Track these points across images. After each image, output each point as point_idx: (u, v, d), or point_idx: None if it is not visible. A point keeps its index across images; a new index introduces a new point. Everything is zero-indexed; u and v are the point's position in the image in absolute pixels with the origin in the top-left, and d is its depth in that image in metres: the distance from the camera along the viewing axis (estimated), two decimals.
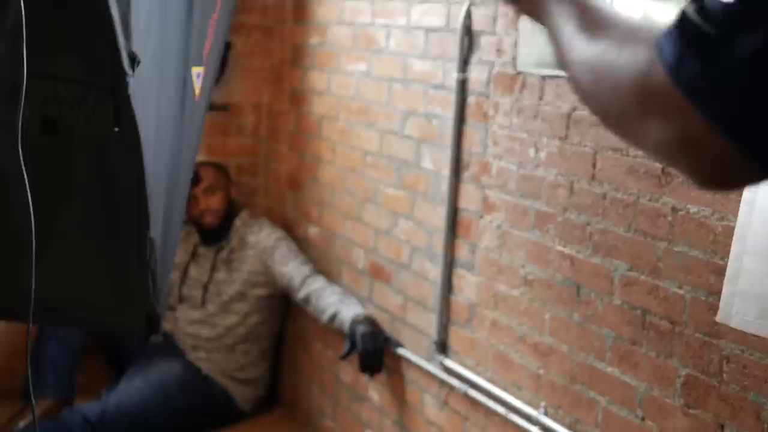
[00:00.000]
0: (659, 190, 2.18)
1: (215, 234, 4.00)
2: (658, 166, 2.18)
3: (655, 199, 2.19)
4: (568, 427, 2.49)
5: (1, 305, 2.70)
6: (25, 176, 2.30)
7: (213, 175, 3.99)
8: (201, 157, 4.03)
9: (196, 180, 3.82)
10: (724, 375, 2.02)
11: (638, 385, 2.25)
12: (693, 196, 2.09)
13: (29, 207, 2.32)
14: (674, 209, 2.14)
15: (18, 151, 2.30)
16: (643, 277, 2.23)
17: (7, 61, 2.34)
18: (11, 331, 4.02)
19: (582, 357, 2.43)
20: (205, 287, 3.99)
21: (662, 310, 2.18)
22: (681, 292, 2.13)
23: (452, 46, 2.92)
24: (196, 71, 2.93)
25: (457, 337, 2.97)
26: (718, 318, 2.00)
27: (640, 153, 2.23)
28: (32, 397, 2.19)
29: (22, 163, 2.30)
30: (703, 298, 2.07)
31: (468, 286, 2.89)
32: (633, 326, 2.26)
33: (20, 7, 2.23)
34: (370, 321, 3.35)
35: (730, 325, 1.98)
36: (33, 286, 2.36)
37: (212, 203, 3.95)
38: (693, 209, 2.09)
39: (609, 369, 2.34)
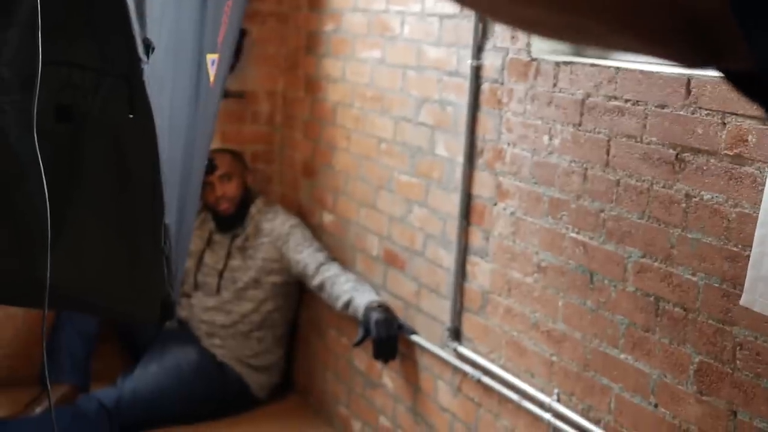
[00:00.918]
0: (673, 177, 2.17)
1: (231, 221, 4.01)
2: (672, 152, 2.18)
3: (668, 185, 2.19)
4: (581, 414, 2.49)
5: (17, 292, 2.71)
6: (41, 163, 2.31)
7: (229, 162, 4.00)
8: (216, 145, 4.04)
9: (211, 167, 3.83)
10: (738, 362, 2.02)
11: (651, 372, 2.25)
12: (707, 183, 2.09)
13: (44, 194, 2.33)
14: (688, 196, 2.13)
15: (33, 138, 2.32)
16: (656, 264, 2.23)
17: (23, 48, 2.35)
18: (28, 319, 4.05)
19: (595, 344, 2.43)
20: (220, 274, 4.01)
21: (675, 297, 2.18)
22: (694, 279, 2.13)
23: (466, 32, 2.92)
24: (211, 58, 2.94)
25: (470, 324, 2.97)
26: (742, 302, 1.99)
27: (655, 140, 2.22)
28: (48, 384, 2.20)
29: (38, 150, 2.32)
30: (716, 285, 2.07)
31: (481, 273, 2.89)
32: (646, 313, 2.26)
33: None
34: (384, 308, 3.36)
35: (754, 309, 1.97)
36: (48, 273, 2.37)
37: (228, 190, 3.97)
38: (707, 196, 2.09)
39: (622, 356, 2.34)
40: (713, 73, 0.70)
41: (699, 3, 0.65)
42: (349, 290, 3.54)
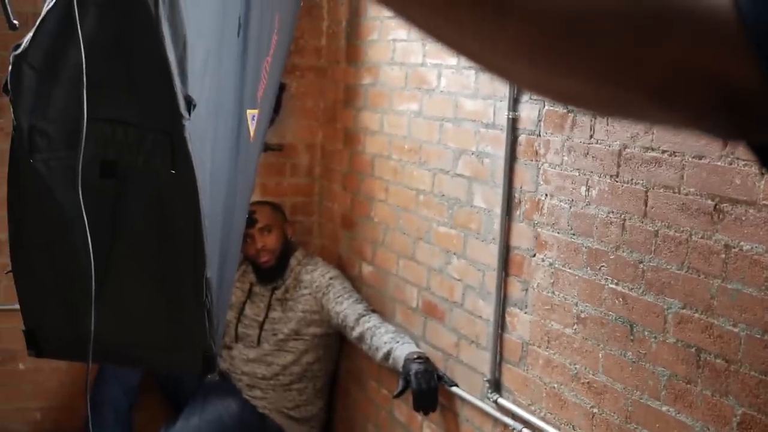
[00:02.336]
0: (712, 228, 2.17)
1: (271, 273, 4.04)
2: (710, 203, 2.17)
3: (707, 236, 2.18)
4: None
5: (62, 345, 2.75)
6: (85, 218, 2.35)
7: (269, 215, 4.04)
8: (256, 197, 4.08)
9: (252, 220, 3.86)
10: None
11: (694, 424, 2.23)
12: (746, 234, 2.08)
13: (89, 248, 2.37)
14: (727, 246, 2.13)
15: (78, 193, 2.36)
16: (697, 315, 2.22)
17: (68, 105, 2.41)
18: (72, 371, 4.09)
19: (636, 396, 2.41)
20: (261, 326, 4.03)
21: (717, 348, 2.16)
22: (736, 330, 2.11)
23: (502, 84, 2.94)
24: (251, 113, 2.98)
25: (510, 375, 2.96)
26: None
27: (692, 190, 2.22)
28: None
29: (82, 205, 2.36)
30: (758, 336, 2.06)
31: (521, 324, 2.89)
32: (687, 365, 2.25)
33: (80, 53, 2.30)
34: (424, 359, 3.35)
35: None
36: (92, 327, 2.41)
37: (268, 242, 3.99)
38: (746, 246, 2.08)
39: (664, 408, 2.32)
40: None
41: (737, 81, 0.66)
42: (389, 341, 3.54)
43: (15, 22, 2.29)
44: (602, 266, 2.53)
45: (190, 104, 2.43)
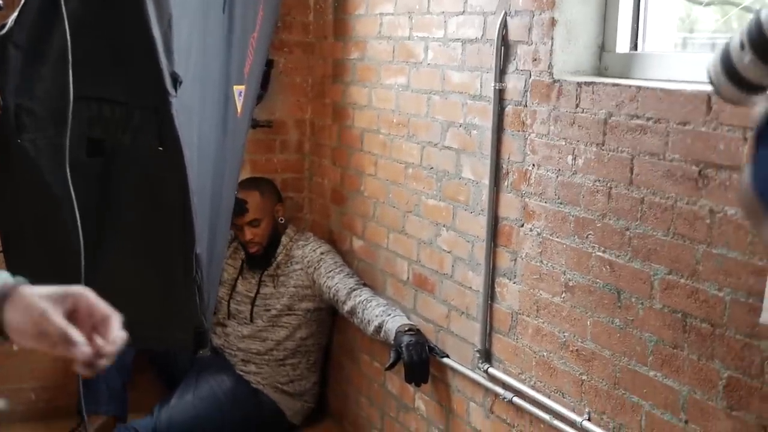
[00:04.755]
0: (696, 193, 2.19)
1: (261, 259, 4.05)
2: (695, 169, 2.19)
3: (692, 202, 2.20)
4: None
5: None
6: (73, 196, 2.36)
7: (258, 206, 3.97)
8: (246, 174, 4.08)
9: (242, 209, 3.84)
10: (766, 376, 2.02)
11: (681, 388, 2.25)
12: (730, 199, 2.10)
13: (77, 226, 2.38)
14: (712, 212, 2.15)
15: (66, 171, 2.37)
16: (682, 281, 2.24)
17: (54, 84, 2.41)
18: None
19: (624, 362, 2.43)
20: (253, 302, 4.04)
21: (703, 312, 2.18)
22: (721, 294, 2.13)
23: (489, 56, 2.95)
24: (238, 89, 2.99)
25: (500, 345, 2.99)
26: (762, 320, 1.99)
27: (677, 157, 2.24)
28: (85, 415, 2.24)
29: (70, 183, 2.37)
30: (743, 300, 2.08)
31: (510, 294, 2.91)
32: (674, 330, 2.27)
33: (65, 31, 2.30)
34: (415, 331, 3.37)
35: None
36: None
37: (257, 234, 3.99)
38: (730, 211, 2.10)
39: (651, 373, 2.35)
40: None
41: None
42: (381, 314, 3.56)
43: (0, 2, 2.29)
44: (589, 234, 2.54)
45: (176, 81, 2.44)
